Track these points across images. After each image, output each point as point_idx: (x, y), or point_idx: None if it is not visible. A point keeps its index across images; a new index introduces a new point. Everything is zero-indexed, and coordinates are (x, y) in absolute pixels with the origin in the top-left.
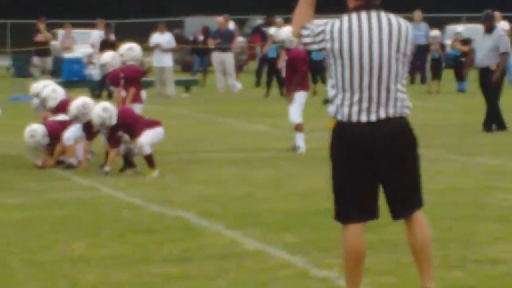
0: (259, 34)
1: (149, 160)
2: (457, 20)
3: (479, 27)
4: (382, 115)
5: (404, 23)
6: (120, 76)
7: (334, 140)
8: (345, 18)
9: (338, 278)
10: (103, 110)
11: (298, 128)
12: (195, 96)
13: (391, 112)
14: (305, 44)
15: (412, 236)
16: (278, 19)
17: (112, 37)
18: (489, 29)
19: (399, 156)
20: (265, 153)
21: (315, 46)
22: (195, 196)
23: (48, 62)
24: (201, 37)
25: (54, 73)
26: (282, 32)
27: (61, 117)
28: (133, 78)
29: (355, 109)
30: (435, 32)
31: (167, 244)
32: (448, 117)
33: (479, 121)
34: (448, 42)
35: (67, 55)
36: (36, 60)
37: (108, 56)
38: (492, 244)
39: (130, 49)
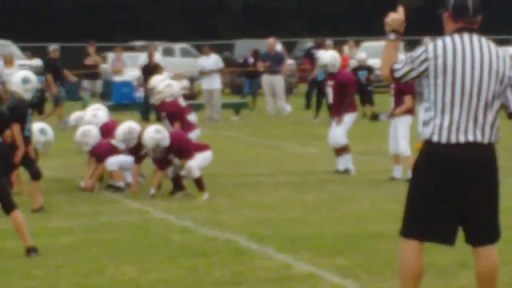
0: (309, 57)
1: (199, 183)
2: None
3: None
4: (478, 138)
5: (501, 50)
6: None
7: (423, 160)
8: (447, 38)
9: None
10: (155, 131)
11: (346, 149)
12: (245, 119)
13: (486, 136)
14: (400, 77)
15: (480, 266)
16: (328, 41)
17: (157, 60)
18: None
19: (489, 183)
20: (315, 176)
21: (413, 73)
22: (246, 219)
23: (98, 85)
24: (250, 60)
25: (104, 96)
26: (325, 56)
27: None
28: (173, 113)
29: (453, 130)
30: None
31: (218, 267)
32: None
33: None
34: None
35: (117, 78)
36: (85, 83)
37: (156, 80)
38: None
39: (168, 86)
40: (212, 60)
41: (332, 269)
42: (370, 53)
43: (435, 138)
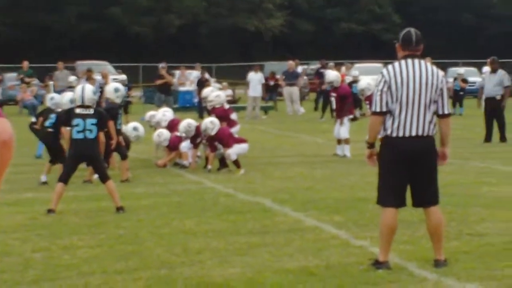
0: (318, 75)
1: (236, 163)
2: (455, 64)
3: (472, 69)
4: (420, 133)
5: (435, 69)
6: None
7: (384, 149)
8: (397, 62)
9: (370, 246)
10: (210, 122)
11: (347, 141)
12: (271, 118)
13: (426, 131)
14: (381, 109)
15: (430, 221)
16: (331, 63)
17: (206, 76)
18: (495, 70)
19: (430, 163)
20: (321, 157)
21: (383, 96)
22: (272, 188)
23: (169, 99)
24: (271, 83)
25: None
26: (331, 75)
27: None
28: (223, 116)
29: (401, 127)
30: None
31: (251, 221)
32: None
33: (473, 135)
34: (450, 80)
35: (181, 88)
36: (158, 95)
37: (207, 91)
38: (480, 223)
39: (217, 97)
40: (259, 76)
41: (331, 223)
42: (361, 72)
43: (392, 134)
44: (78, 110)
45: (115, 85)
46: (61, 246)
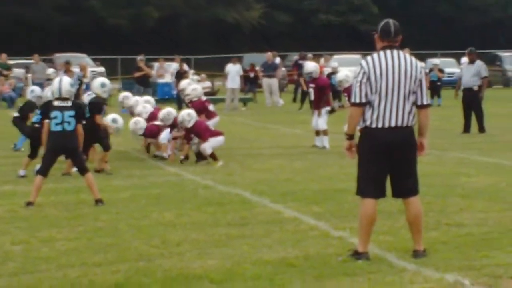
0: (297, 66)
1: (212, 156)
2: (433, 55)
3: (450, 60)
4: (399, 123)
5: (414, 60)
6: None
7: (364, 140)
8: (376, 54)
9: (349, 237)
10: (188, 114)
11: (325, 132)
12: (250, 110)
13: (405, 121)
14: (361, 100)
15: (409, 212)
16: (309, 55)
17: (185, 67)
18: (472, 60)
19: (409, 154)
20: (300, 149)
21: (362, 87)
22: (251, 179)
23: (148, 91)
24: (251, 74)
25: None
26: (309, 66)
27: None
28: (201, 109)
29: (380, 118)
30: (422, 64)
31: (230, 213)
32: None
33: (451, 126)
34: (426, 71)
35: (160, 80)
36: (137, 87)
37: (184, 84)
38: (458, 213)
39: (194, 90)
40: (237, 68)
41: (310, 214)
42: (340, 63)
43: (372, 125)
44: (56, 103)
45: (101, 80)
46: (40, 239)
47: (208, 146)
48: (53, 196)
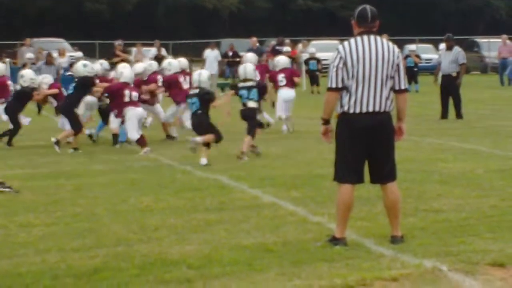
0: (273, 51)
1: (139, 142)
2: (411, 41)
3: (427, 46)
4: (377, 109)
5: (391, 45)
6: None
7: (342, 125)
8: (353, 39)
9: (328, 223)
10: (168, 63)
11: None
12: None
13: (383, 107)
14: (337, 85)
15: (387, 198)
16: (287, 40)
17: (163, 52)
18: (450, 47)
19: (386, 140)
20: (275, 135)
21: (339, 72)
22: (228, 165)
23: None
24: (230, 53)
25: None
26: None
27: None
28: (172, 83)
29: (358, 103)
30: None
31: (208, 198)
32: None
33: (429, 112)
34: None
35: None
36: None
37: (140, 66)
38: (436, 199)
39: (169, 64)
40: (215, 53)
41: (288, 199)
42: (318, 49)
43: (349, 110)
44: None
45: (83, 62)
46: (17, 224)
47: (133, 133)
48: (31, 182)
